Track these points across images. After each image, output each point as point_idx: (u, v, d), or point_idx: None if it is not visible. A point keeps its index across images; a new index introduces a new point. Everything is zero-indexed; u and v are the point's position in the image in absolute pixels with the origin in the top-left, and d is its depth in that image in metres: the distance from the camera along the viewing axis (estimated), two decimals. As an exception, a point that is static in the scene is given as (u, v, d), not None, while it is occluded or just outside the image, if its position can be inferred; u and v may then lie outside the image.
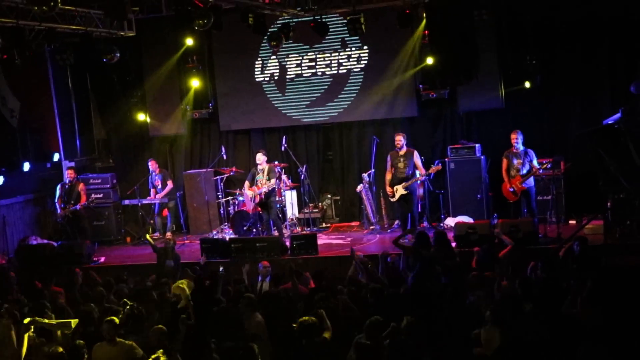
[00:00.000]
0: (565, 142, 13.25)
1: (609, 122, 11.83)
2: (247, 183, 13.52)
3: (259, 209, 13.44)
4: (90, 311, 8.18)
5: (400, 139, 13.00)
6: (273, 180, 13.16)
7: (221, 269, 10.82)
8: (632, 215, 11.17)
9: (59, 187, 14.13)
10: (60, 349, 6.72)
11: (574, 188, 12.91)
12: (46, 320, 7.47)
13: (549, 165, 12.41)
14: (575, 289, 7.91)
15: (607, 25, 12.80)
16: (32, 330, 7.25)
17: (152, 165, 14.95)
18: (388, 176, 13.11)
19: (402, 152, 12.97)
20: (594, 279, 7.99)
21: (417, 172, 12.92)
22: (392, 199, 13.08)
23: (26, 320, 7.25)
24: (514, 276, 8.79)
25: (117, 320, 7.32)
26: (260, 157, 13.46)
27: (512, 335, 6.74)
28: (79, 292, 9.81)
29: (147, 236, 12.78)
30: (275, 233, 13.34)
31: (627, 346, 6.43)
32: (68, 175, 14.23)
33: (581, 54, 13.20)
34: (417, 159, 12.97)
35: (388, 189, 13.06)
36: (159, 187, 14.85)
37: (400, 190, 12.84)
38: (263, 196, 13.19)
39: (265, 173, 13.27)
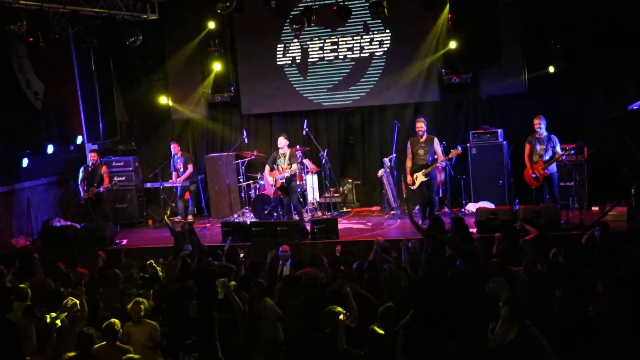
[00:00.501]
0: (589, 127, 13.10)
1: (635, 108, 11.69)
2: (267, 167, 13.51)
3: (280, 193, 13.45)
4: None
5: (421, 125, 12.89)
6: (295, 165, 13.15)
7: (242, 255, 10.85)
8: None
9: (82, 169, 14.22)
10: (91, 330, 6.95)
11: (597, 174, 12.80)
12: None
13: (572, 152, 12.30)
14: (598, 276, 7.87)
15: (633, 9, 12.60)
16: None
17: (174, 148, 15.01)
18: (408, 164, 13.01)
19: (422, 139, 12.87)
20: (616, 266, 7.94)
21: (437, 159, 12.84)
22: (412, 187, 13.01)
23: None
24: (537, 262, 8.72)
25: (146, 303, 7.75)
26: (282, 141, 13.42)
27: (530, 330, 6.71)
28: (98, 274, 9.92)
29: (166, 218, 12.85)
30: (296, 217, 13.36)
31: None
32: (91, 157, 14.31)
33: (606, 39, 13.01)
34: (437, 145, 12.89)
35: (409, 177, 12.97)
36: (181, 170, 14.92)
37: (420, 177, 12.78)
38: (284, 181, 13.19)
39: (287, 157, 13.23)
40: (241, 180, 14.75)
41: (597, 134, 12.86)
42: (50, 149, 14.71)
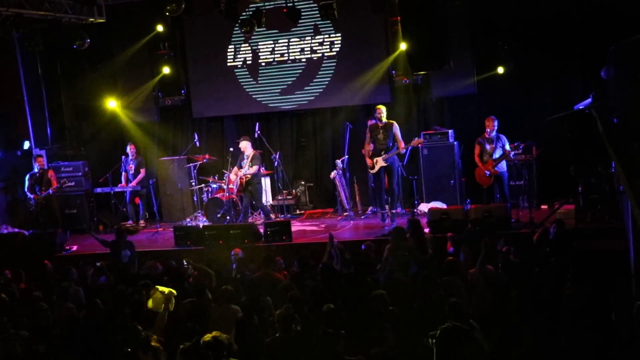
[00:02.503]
0: (538, 127, 13.31)
1: (580, 107, 11.91)
2: (235, 169, 13.53)
3: (234, 197, 13.40)
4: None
5: (382, 111, 12.81)
6: (255, 167, 13.18)
7: (185, 263, 10.66)
8: (603, 199, 11.28)
9: (28, 177, 13.97)
10: None
11: (546, 173, 13.02)
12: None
13: (521, 147, 12.49)
14: (557, 272, 8.02)
15: (578, 12, 12.85)
16: None
17: (131, 149, 14.78)
18: (367, 147, 12.96)
19: (381, 124, 12.82)
20: (575, 262, 8.10)
21: (397, 145, 12.78)
22: (371, 171, 12.93)
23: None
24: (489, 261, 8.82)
25: None
26: (244, 144, 13.50)
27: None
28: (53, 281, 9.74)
29: (92, 233, 12.70)
30: (250, 220, 13.44)
31: (604, 327, 6.55)
32: (37, 163, 14.06)
33: (553, 40, 13.24)
34: (396, 130, 12.81)
35: (368, 160, 12.90)
36: (131, 171, 14.70)
37: (380, 162, 12.77)
38: (244, 181, 13.20)
39: (250, 159, 13.28)
40: (193, 183, 14.62)
41: (544, 133, 13.06)
42: (-5, 154, 14.42)
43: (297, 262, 9.90)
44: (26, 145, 15.29)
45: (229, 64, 15.19)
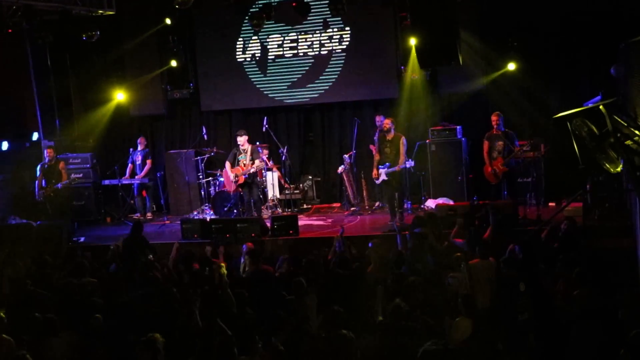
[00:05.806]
0: (546, 124, 13.28)
1: (589, 105, 11.87)
2: (228, 163, 13.40)
3: (239, 189, 13.40)
4: None
5: (388, 123, 12.60)
6: (258, 161, 13.13)
7: (150, 256, 10.58)
8: (611, 197, 11.25)
9: (39, 167, 14.00)
10: None
11: (553, 170, 12.99)
12: None
13: (528, 147, 12.46)
14: (562, 270, 8.00)
15: (587, 9, 12.80)
16: None
17: (140, 141, 14.83)
18: (377, 157, 12.83)
19: (389, 137, 12.58)
20: (581, 259, 8.09)
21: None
22: (376, 182, 12.99)
23: None
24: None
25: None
26: (241, 139, 13.33)
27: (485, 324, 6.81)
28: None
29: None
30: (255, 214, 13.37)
31: (611, 326, 6.54)
32: (48, 154, 14.10)
33: (561, 36, 13.22)
34: (402, 147, 12.48)
35: (374, 171, 12.80)
36: (138, 162, 14.74)
37: (382, 175, 12.75)
38: (247, 177, 13.15)
39: (249, 153, 13.20)
40: (201, 177, 14.64)
41: (553, 130, 13.03)
42: (5, 145, 14.44)
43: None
44: (35, 136, 15.33)
45: (237, 58, 15.20)
